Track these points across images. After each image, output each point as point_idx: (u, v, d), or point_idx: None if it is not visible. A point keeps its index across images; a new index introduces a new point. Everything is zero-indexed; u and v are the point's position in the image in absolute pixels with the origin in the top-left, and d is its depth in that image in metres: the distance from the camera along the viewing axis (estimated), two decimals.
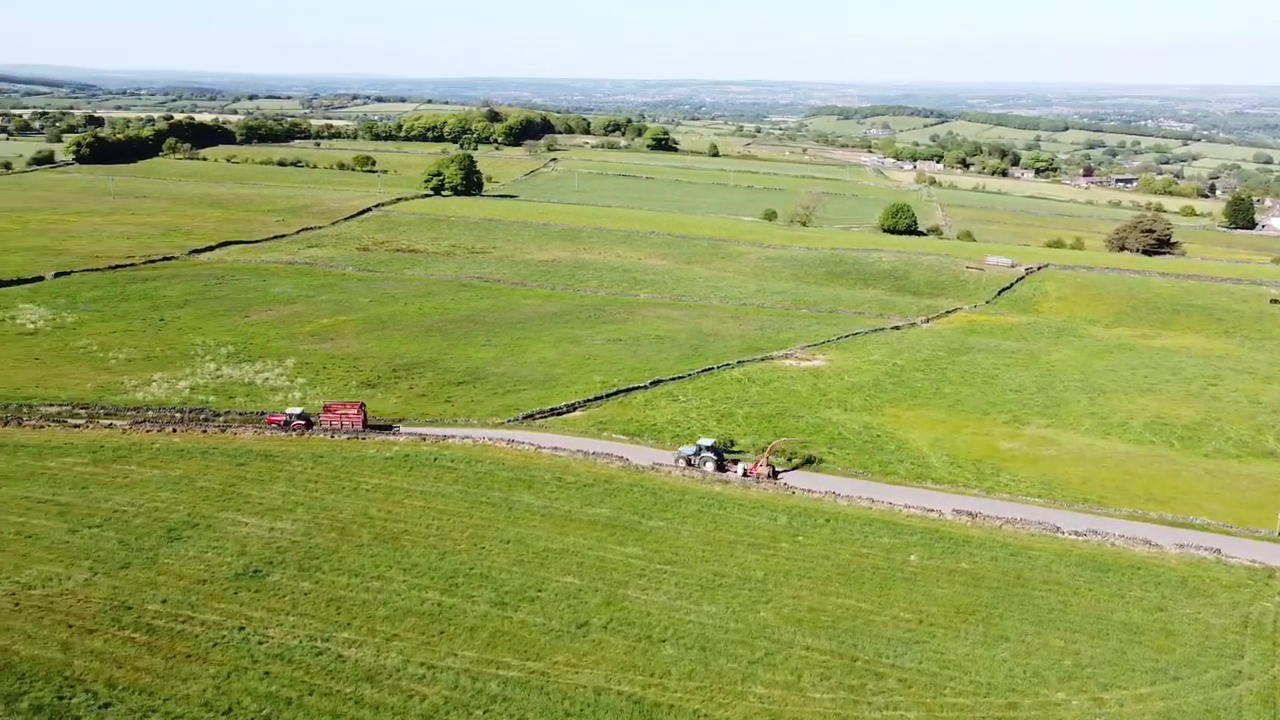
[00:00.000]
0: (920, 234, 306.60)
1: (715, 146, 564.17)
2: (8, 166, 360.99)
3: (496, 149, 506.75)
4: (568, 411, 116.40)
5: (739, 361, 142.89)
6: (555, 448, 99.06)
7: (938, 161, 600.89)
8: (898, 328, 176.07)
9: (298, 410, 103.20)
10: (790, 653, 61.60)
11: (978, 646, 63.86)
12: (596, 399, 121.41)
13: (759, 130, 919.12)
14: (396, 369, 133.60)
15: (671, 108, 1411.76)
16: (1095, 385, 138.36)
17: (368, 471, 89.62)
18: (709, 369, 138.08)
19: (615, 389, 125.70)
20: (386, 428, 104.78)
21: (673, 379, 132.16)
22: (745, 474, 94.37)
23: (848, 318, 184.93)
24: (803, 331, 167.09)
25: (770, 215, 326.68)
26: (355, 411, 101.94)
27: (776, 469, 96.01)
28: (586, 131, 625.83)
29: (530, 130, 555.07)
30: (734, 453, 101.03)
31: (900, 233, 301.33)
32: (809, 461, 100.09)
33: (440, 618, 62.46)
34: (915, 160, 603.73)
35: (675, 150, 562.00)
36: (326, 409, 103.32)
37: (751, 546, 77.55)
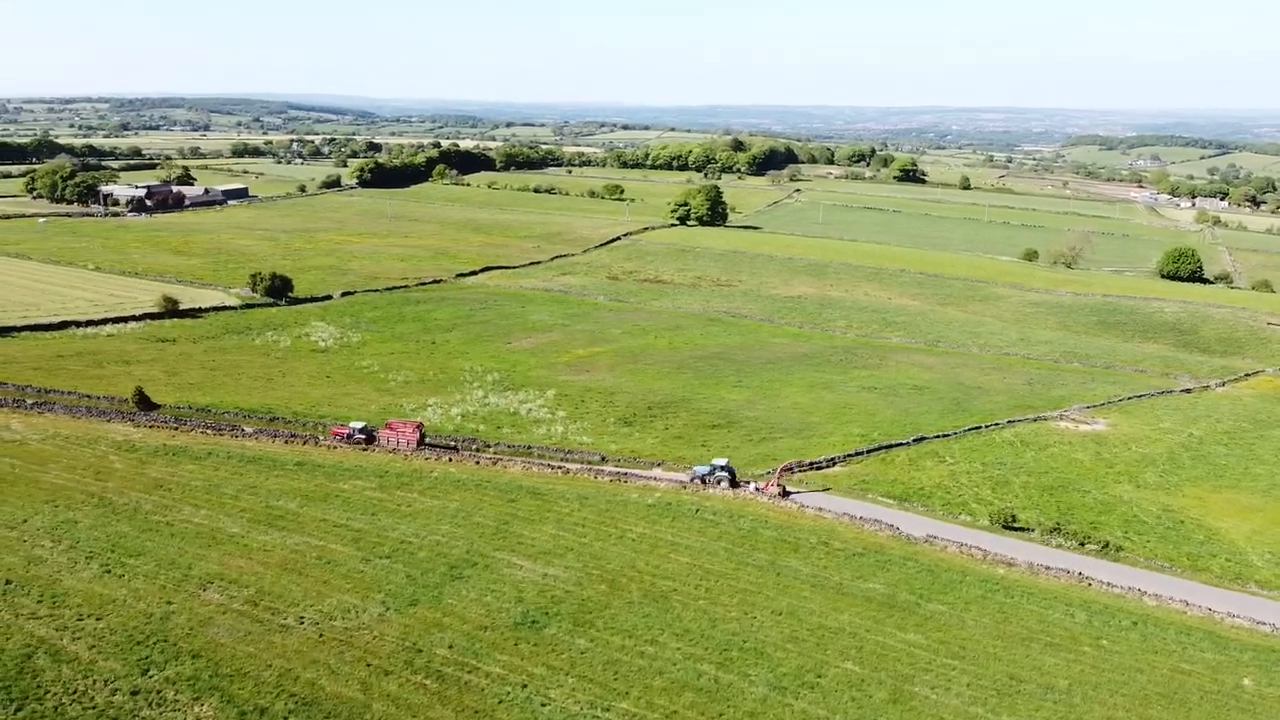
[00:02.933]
0: (1206, 281, 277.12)
1: (966, 179, 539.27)
2: (303, 189, 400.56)
3: (740, 178, 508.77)
4: (827, 466, 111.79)
5: (1008, 421, 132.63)
6: (819, 508, 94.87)
7: (1222, 199, 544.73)
8: (1188, 390, 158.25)
9: (360, 425, 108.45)
10: None
11: None
12: (856, 454, 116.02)
13: (1011, 161, 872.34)
14: (651, 406, 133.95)
15: (915, 136, 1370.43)
16: None
17: (632, 518, 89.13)
18: (976, 428, 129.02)
19: (875, 444, 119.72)
20: (449, 448, 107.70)
21: (937, 436, 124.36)
22: (757, 490, 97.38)
23: (1127, 376, 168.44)
24: (1077, 389, 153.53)
25: (1031, 255, 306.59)
26: (412, 431, 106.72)
27: (788, 489, 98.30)
28: (830, 161, 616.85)
29: (773, 160, 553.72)
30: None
31: (1182, 279, 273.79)
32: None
33: (718, 696, 59.96)
34: (1195, 197, 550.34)
35: (923, 182, 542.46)
36: (388, 425, 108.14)
37: (1049, 647, 69.96)
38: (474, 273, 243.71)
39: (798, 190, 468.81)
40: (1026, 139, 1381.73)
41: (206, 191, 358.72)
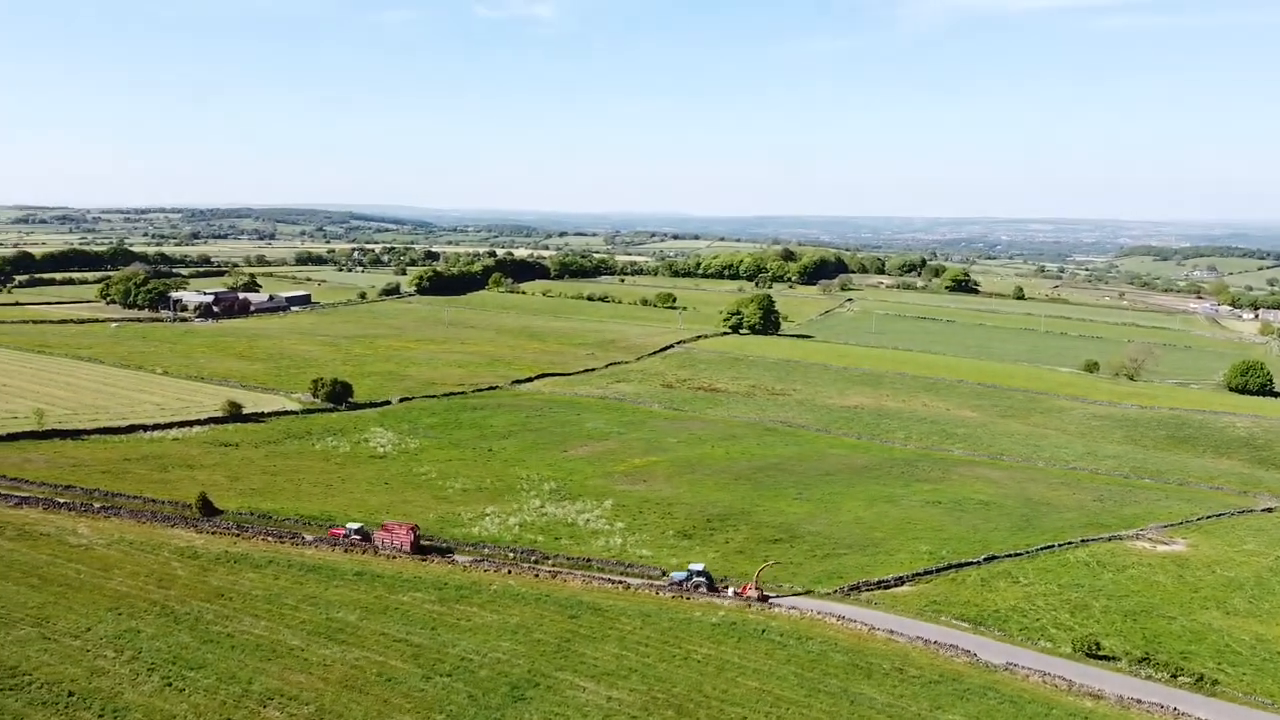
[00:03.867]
0: (1277, 395, 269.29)
1: (1020, 289, 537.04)
2: (363, 296, 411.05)
3: (791, 287, 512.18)
4: (895, 585, 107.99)
5: (1082, 540, 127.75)
6: (890, 631, 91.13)
7: None
8: (1270, 510, 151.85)
9: (356, 526, 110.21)
10: None
11: None
12: (925, 573, 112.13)
13: (1064, 271, 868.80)
14: (710, 519, 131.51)
15: (964, 246, 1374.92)
16: None
17: (696, 638, 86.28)
18: (1048, 546, 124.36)
19: (945, 563, 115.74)
20: (444, 551, 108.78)
21: (1008, 556, 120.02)
22: (736, 594, 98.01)
23: (1203, 493, 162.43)
24: (1151, 507, 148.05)
25: (1091, 366, 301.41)
26: (406, 532, 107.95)
27: (766, 594, 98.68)
28: (881, 271, 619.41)
29: (824, 269, 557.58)
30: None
31: (1252, 393, 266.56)
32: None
33: None
34: (1257, 308, 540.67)
35: (976, 292, 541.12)
36: (383, 528, 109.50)
37: None
38: (530, 379, 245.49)
39: (849, 300, 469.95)
40: (1077, 249, 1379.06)
41: (271, 298, 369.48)
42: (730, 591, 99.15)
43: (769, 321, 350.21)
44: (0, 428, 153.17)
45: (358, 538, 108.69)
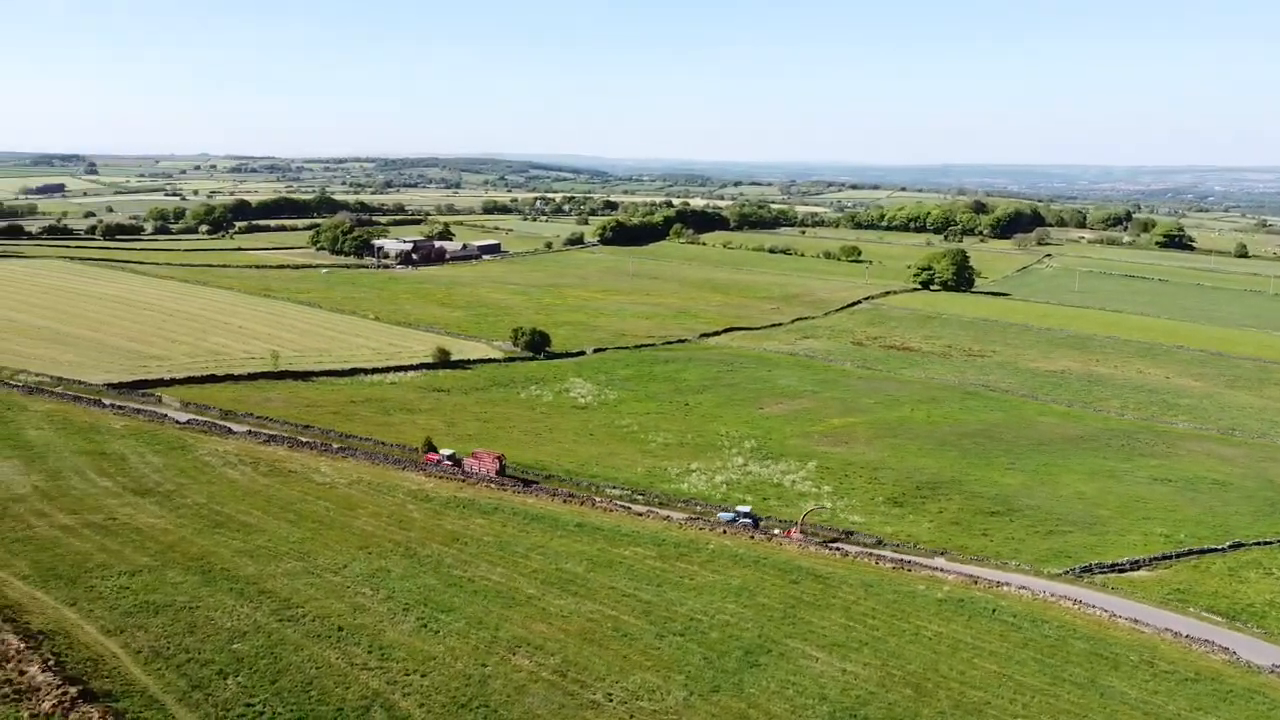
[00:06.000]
0: None
1: (1243, 245, 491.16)
2: (549, 246, 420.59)
3: (982, 241, 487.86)
4: (1130, 569, 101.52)
5: None
6: (1134, 619, 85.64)
7: None
8: None
9: (449, 452, 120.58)
10: None
11: None
12: (1163, 558, 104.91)
13: None
14: (919, 486, 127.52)
15: (1172, 197, 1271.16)
16: None
17: (923, 614, 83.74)
18: None
19: (1183, 548, 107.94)
20: (527, 482, 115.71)
21: (1256, 543, 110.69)
22: (780, 534, 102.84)
23: None
24: None
25: None
26: (491, 460, 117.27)
27: (808, 535, 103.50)
28: (1081, 225, 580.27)
29: (1018, 223, 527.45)
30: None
31: None
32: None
33: None
34: None
35: (1190, 249, 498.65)
36: (473, 455, 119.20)
37: None
38: (717, 333, 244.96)
39: (1048, 255, 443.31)
40: None
41: (464, 247, 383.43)
42: (775, 531, 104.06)
43: (962, 278, 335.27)
44: (242, 367, 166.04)
45: (449, 463, 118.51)
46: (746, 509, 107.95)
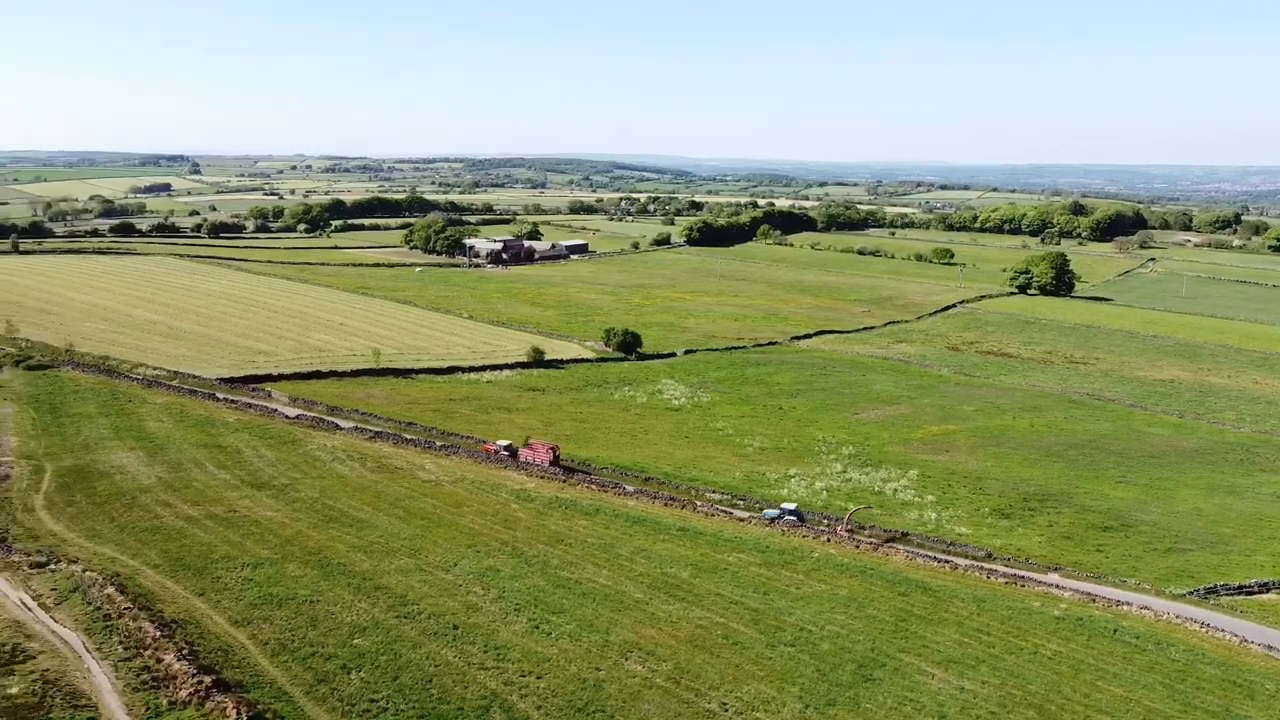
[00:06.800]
0: None
1: None
2: (635, 246, 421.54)
3: (1080, 244, 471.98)
4: (1259, 591, 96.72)
5: None
6: (1267, 646, 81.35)
7: None
8: None
9: (505, 443, 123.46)
10: None
11: None
12: None
13: None
14: (1026, 498, 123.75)
15: None
16: None
17: (1040, 632, 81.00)
18: None
19: None
20: (585, 472, 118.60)
21: None
22: (825, 531, 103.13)
23: None
24: None
25: None
26: (546, 451, 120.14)
27: (855, 533, 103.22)
28: (1187, 227, 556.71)
29: (1119, 225, 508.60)
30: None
31: None
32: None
33: None
34: None
35: None
36: (529, 446, 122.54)
37: None
38: (807, 336, 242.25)
39: (1151, 259, 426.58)
40: None
41: (553, 247, 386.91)
42: (822, 529, 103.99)
43: (1061, 282, 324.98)
44: (345, 363, 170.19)
45: (506, 453, 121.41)
46: (792, 506, 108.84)
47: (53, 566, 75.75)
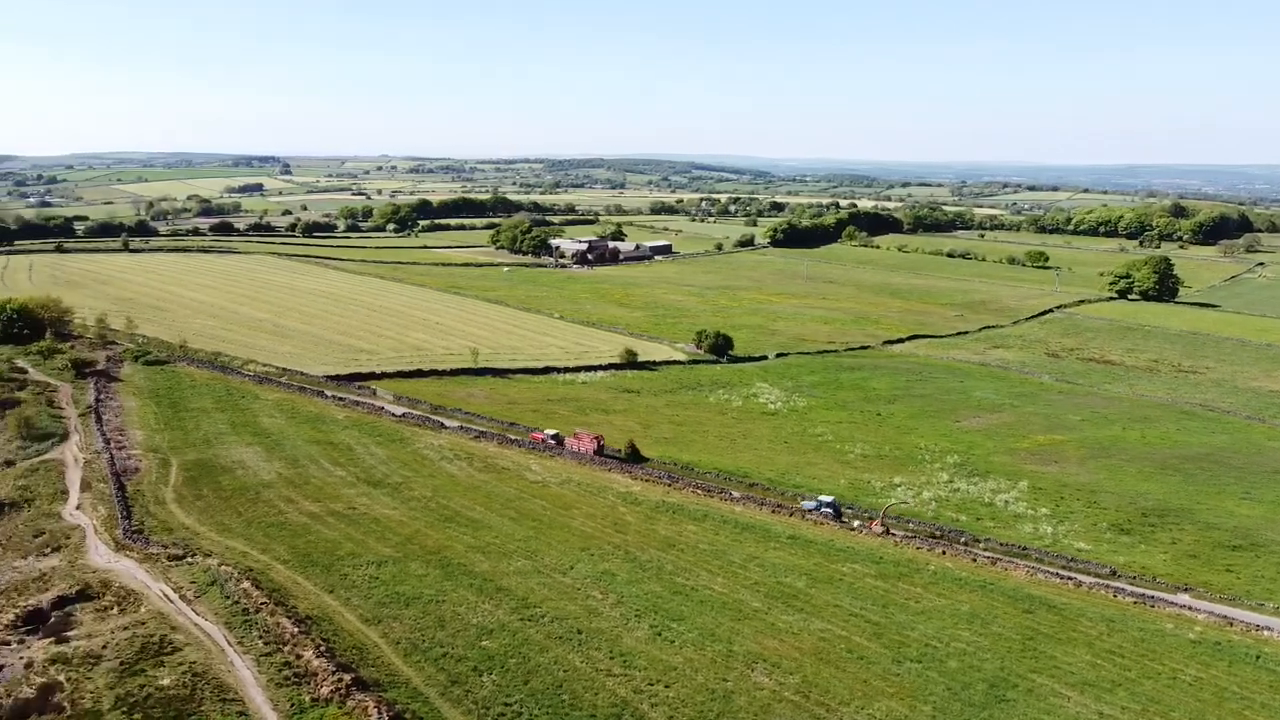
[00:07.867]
0: None
1: None
2: (719, 247, 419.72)
3: (1181, 248, 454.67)
4: None
5: None
6: None
7: None
8: None
9: (552, 432, 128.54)
10: None
11: None
12: None
13: None
14: (1145, 513, 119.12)
15: None
16: None
17: (1177, 655, 77.75)
18: None
19: None
20: (623, 460, 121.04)
21: None
22: (860, 526, 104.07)
23: None
24: None
25: None
26: (590, 440, 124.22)
27: (890, 529, 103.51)
28: None
29: (1224, 228, 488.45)
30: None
31: None
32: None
33: None
34: None
35: None
36: (574, 435, 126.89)
37: None
38: (900, 340, 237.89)
39: (1260, 264, 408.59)
40: None
41: (637, 247, 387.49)
42: (856, 523, 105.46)
43: (1164, 287, 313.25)
44: (443, 362, 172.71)
45: (552, 441, 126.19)
46: (829, 499, 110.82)
47: (189, 559, 78.10)
